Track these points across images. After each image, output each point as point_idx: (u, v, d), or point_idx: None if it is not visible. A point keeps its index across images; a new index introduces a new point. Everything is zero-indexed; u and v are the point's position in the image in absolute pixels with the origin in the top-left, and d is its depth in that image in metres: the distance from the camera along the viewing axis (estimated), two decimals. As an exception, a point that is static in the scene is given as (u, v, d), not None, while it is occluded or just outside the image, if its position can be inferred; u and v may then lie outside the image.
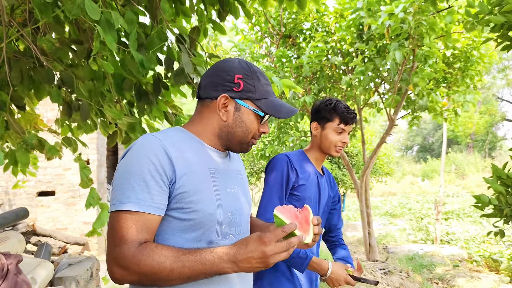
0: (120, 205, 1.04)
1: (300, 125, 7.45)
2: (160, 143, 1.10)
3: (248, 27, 6.29)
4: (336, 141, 1.95)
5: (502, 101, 36.41)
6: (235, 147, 1.25)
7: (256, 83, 1.20)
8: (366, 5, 4.83)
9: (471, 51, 5.57)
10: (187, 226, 1.10)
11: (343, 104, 1.97)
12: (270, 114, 1.20)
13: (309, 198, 1.94)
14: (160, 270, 1.00)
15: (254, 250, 0.98)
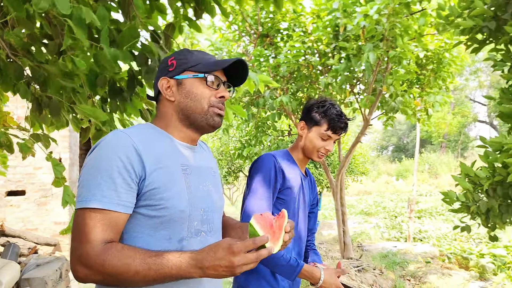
0: (85, 203, 1.02)
1: (277, 124, 7.47)
2: (129, 139, 1.08)
3: (226, 25, 6.27)
4: (319, 147, 1.87)
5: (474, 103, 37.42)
6: (199, 121, 1.21)
7: (188, 56, 1.22)
8: (341, 6, 4.88)
9: (443, 53, 5.70)
10: (157, 223, 1.09)
11: (337, 109, 1.86)
12: (208, 71, 1.19)
13: (293, 202, 1.87)
14: (125, 271, 0.98)
15: (222, 258, 0.96)
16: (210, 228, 1.23)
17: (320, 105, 1.87)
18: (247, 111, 5.93)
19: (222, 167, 13.09)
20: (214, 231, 1.25)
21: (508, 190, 2.45)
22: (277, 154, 1.89)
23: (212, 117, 1.21)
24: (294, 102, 6.03)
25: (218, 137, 11.81)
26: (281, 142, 6.68)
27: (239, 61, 1.24)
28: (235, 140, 10.97)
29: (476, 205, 2.55)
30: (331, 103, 1.89)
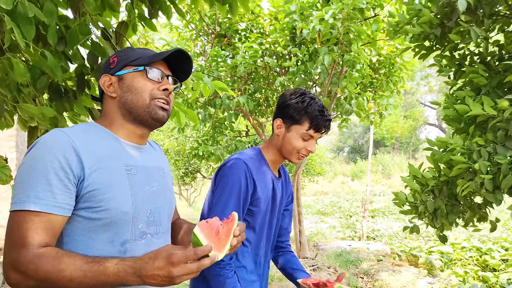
0: (19, 204, 0.98)
1: (235, 125, 7.48)
2: (68, 138, 1.04)
3: (183, 24, 6.20)
4: (300, 148, 1.66)
5: (425, 106, 39.07)
6: (142, 115, 1.17)
7: (129, 52, 1.21)
8: (298, 9, 4.95)
9: (395, 58, 5.91)
10: (98, 226, 1.05)
11: (318, 104, 1.65)
12: (147, 63, 1.17)
13: (263, 212, 1.70)
14: (58, 278, 0.94)
15: (161, 268, 0.92)
16: (157, 231, 1.20)
17: (299, 100, 1.65)
18: (204, 111, 5.90)
19: (180, 168, 12.91)
20: (161, 234, 1.22)
21: (453, 190, 2.57)
22: (248, 157, 1.67)
23: (155, 110, 1.17)
24: (251, 103, 6.05)
25: (174, 137, 11.65)
26: (239, 143, 6.69)
27: (181, 53, 1.22)
28: (192, 140, 10.87)
29: (424, 205, 2.66)
30: (311, 97, 1.66)
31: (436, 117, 38.99)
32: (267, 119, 6.91)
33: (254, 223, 1.69)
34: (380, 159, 31.93)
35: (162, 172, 1.31)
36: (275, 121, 1.72)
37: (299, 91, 1.71)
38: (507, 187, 2.27)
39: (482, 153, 2.29)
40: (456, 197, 2.61)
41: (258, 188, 1.64)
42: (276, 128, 1.71)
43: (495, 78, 2.61)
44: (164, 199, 1.25)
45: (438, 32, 2.69)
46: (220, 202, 1.57)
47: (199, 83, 2.28)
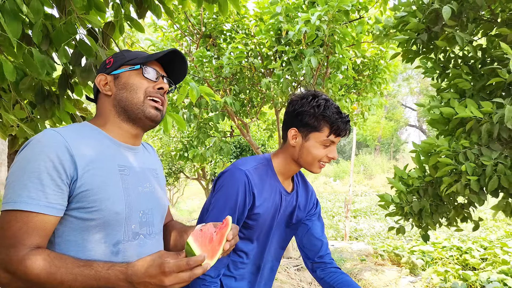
0: (11, 204, 0.97)
1: (220, 125, 7.46)
2: (61, 138, 1.03)
3: (168, 24, 6.16)
4: (321, 157, 1.52)
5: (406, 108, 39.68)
6: (136, 113, 1.17)
7: (125, 53, 1.23)
8: (284, 11, 4.97)
9: (379, 60, 5.99)
10: (91, 226, 1.04)
11: (335, 106, 1.52)
12: (142, 62, 1.19)
13: (262, 226, 1.59)
14: (48, 281, 0.94)
15: (153, 276, 0.93)
16: (150, 231, 1.19)
17: (314, 105, 1.50)
18: (189, 111, 5.87)
19: (163, 168, 12.82)
20: (154, 234, 1.21)
21: (438, 190, 2.62)
22: (252, 168, 1.53)
23: (149, 108, 1.17)
24: (237, 103, 6.05)
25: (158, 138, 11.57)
26: (224, 145, 6.68)
27: (176, 55, 1.24)
28: (176, 140, 10.81)
29: (409, 205, 2.71)
30: (325, 99, 1.52)
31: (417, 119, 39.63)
32: (251, 119, 6.92)
33: (251, 235, 1.61)
34: (362, 160, 32.30)
35: (155, 173, 1.31)
36: (289, 131, 1.55)
37: (309, 93, 1.56)
38: (492, 188, 2.32)
39: (468, 155, 2.34)
40: (441, 197, 2.66)
41: (257, 202, 1.52)
42: (292, 138, 1.54)
43: (479, 81, 2.67)
44: (156, 200, 1.24)
45: (425, 37, 2.74)
46: (214, 211, 1.50)
47: (186, 87, 2.26)
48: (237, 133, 7.93)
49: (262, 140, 10.15)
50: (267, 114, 8.19)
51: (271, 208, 1.58)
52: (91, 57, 2.02)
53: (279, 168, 1.61)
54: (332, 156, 1.53)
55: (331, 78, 5.45)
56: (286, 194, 1.63)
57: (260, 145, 10.13)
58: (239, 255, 1.62)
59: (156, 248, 1.21)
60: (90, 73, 2.05)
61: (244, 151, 10.64)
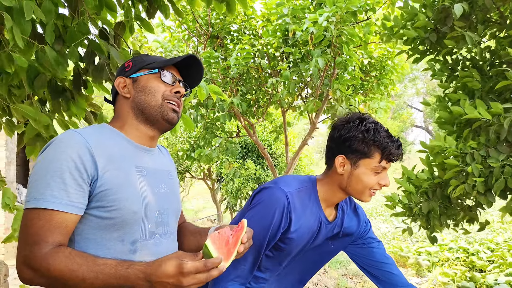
0: (34, 203, 0.99)
1: (226, 126, 7.49)
2: (82, 139, 1.06)
3: (176, 24, 6.19)
4: (373, 184, 1.41)
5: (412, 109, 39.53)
6: (154, 115, 1.20)
7: (143, 57, 1.26)
8: (291, 12, 4.98)
9: (386, 61, 5.98)
10: (109, 225, 1.07)
11: (384, 130, 1.42)
12: (161, 66, 1.22)
13: (294, 251, 1.52)
14: (71, 278, 0.96)
15: (171, 277, 0.95)
16: (165, 231, 1.22)
17: (362, 129, 1.40)
18: (196, 112, 5.90)
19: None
20: (169, 234, 1.23)
21: (446, 192, 2.62)
22: (295, 191, 1.44)
23: (167, 111, 1.20)
24: (243, 104, 6.06)
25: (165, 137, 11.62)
26: (230, 145, 6.70)
27: (193, 60, 1.28)
28: (183, 140, 10.84)
29: (418, 207, 2.70)
30: (373, 122, 1.42)
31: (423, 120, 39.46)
32: (258, 120, 6.94)
33: (280, 257, 1.54)
34: (368, 161, 32.16)
35: (170, 175, 1.33)
36: (337, 159, 1.44)
37: (356, 117, 1.46)
38: (499, 189, 2.32)
39: (475, 156, 2.34)
40: (449, 199, 2.66)
41: (292, 227, 1.43)
42: (339, 166, 1.44)
43: (488, 82, 2.66)
44: (171, 201, 1.27)
45: (434, 37, 2.74)
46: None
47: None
48: (244, 133, 7.95)
49: (268, 141, 10.17)
50: (273, 114, 8.21)
51: (307, 234, 1.49)
52: (104, 56, 2.05)
53: (323, 195, 1.51)
54: (384, 183, 1.43)
55: (338, 78, 5.45)
56: (327, 222, 1.53)
57: (266, 145, 10.15)
58: (262, 271, 1.57)
59: (171, 247, 1.24)
60: (102, 71, 2.08)
61: (250, 152, 10.66)
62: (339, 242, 1.66)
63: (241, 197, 10.63)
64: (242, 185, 10.03)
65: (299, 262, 1.63)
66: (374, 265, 1.69)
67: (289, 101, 6.42)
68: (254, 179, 10.31)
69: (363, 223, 1.69)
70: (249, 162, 10.09)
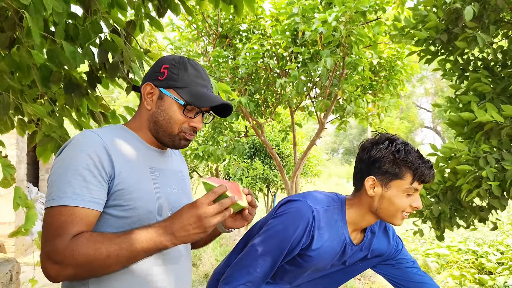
0: (56, 201, 1.00)
1: (234, 125, 7.50)
2: (99, 139, 1.08)
3: (185, 24, 6.21)
4: (405, 207, 1.37)
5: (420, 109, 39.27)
6: (165, 140, 1.21)
7: (181, 73, 1.18)
8: (301, 12, 4.97)
9: (395, 61, 5.95)
10: (126, 223, 1.09)
11: (415, 150, 1.39)
12: (188, 102, 1.16)
13: (311, 269, 1.50)
14: (95, 257, 0.97)
15: (189, 216, 0.99)
16: None
17: (393, 150, 1.38)
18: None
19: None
20: None
21: (457, 195, 2.60)
22: (322, 208, 1.42)
23: (179, 140, 1.21)
24: (252, 104, 6.05)
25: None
26: (237, 143, 6.70)
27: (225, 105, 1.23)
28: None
29: (429, 209, 2.68)
30: (403, 143, 1.41)
31: (432, 120, 39.19)
32: (266, 120, 6.93)
33: (296, 272, 1.51)
34: (376, 161, 31.99)
35: (182, 175, 1.35)
36: (366, 180, 1.41)
37: (384, 138, 1.44)
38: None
39: (489, 160, 2.32)
40: (460, 201, 2.64)
41: (314, 246, 1.41)
42: (370, 188, 1.41)
43: (499, 84, 2.63)
44: (183, 201, 1.27)
45: (445, 37, 2.72)
46: (266, 233, 1.41)
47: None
48: (252, 133, 7.95)
49: (276, 141, 10.15)
50: (282, 114, 8.20)
51: (329, 255, 1.46)
52: (117, 54, 2.06)
53: (352, 218, 1.48)
54: (417, 206, 1.38)
55: (347, 79, 5.43)
56: (352, 245, 1.49)
57: (274, 145, 10.13)
58: (276, 282, 1.55)
59: (184, 246, 1.25)
60: (117, 69, 2.09)
61: (258, 152, 10.65)
62: (367, 263, 1.63)
63: (248, 197, 10.61)
64: (250, 185, 10.03)
65: (323, 278, 1.60)
66: (411, 286, 1.63)
67: (298, 101, 6.41)
68: (262, 179, 10.31)
69: (393, 243, 1.64)
70: (256, 162, 10.09)
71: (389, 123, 30.95)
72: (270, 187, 11.15)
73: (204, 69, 1.26)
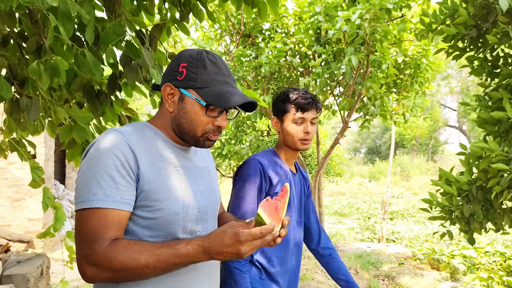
0: (88, 203, 1.01)
1: (257, 124, 7.50)
2: (124, 138, 1.07)
3: (209, 23, 6.25)
4: (297, 133, 1.74)
5: (445, 108, 38.48)
6: (189, 141, 1.19)
7: (200, 71, 1.13)
8: (324, 10, 4.94)
9: (421, 58, 5.84)
10: (152, 224, 1.09)
11: (298, 90, 1.77)
12: (210, 103, 1.11)
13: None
14: (134, 266, 0.98)
15: (229, 246, 0.99)
16: (205, 228, 1.22)
17: (281, 94, 1.80)
18: (227, 110, 5.93)
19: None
20: (208, 231, 1.22)
21: (487, 195, 2.53)
22: (262, 157, 1.76)
23: (204, 141, 1.19)
24: (274, 103, 6.03)
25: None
26: (261, 142, 6.70)
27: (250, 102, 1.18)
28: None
29: (459, 210, 2.62)
30: (292, 88, 1.79)
31: (457, 119, 38.35)
32: (289, 119, 6.91)
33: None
34: (399, 161, 31.54)
35: (207, 170, 1.33)
36: (272, 121, 1.82)
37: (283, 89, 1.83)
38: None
39: (523, 159, 2.25)
40: (491, 202, 2.57)
41: (274, 183, 1.72)
42: (275, 126, 1.81)
43: (532, 81, 2.56)
44: (210, 198, 1.27)
45: (474, 33, 2.65)
46: (241, 197, 1.68)
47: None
48: (274, 132, 7.93)
49: (298, 140, 10.11)
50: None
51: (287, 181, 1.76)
52: (137, 58, 2.07)
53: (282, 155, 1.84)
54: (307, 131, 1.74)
55: (371, 76, 5.37)
56: (293, 174, 1.85)
57: (296, 144, 10.09)
58: None
59: None
60: (136, 73, 2.10)
61: (280, 150, 10.64)
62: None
63: (271, 196, 10.62)
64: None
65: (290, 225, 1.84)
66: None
67: (321, 99, 6.37)
68: (284, 178, 10.28)
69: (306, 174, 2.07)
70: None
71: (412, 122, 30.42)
72: (292, 186, 11.11)
73: (224, 61, 1.21)
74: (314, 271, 6.11)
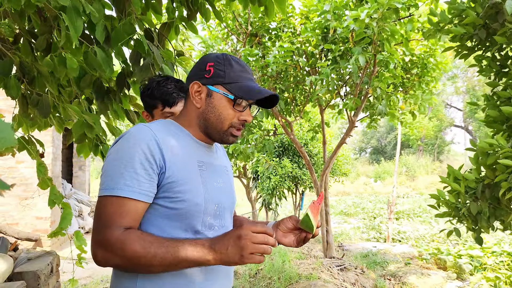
0: (108, 190, 1.08)
1: (263, 123, 7.52)
2: (152, 133, 1.13)
3: (216, 23, 6.27)
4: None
5: (451, 108, 38.30)
6: (215, 136, 1.26)
7: (227, 69, 1.22)
8: (332, 9, 4.94)
9: (428, 58, 5.83)
10: (174, 214, 1.14)
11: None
12: (239, 96, 1.19)
13: None
14: (143, 255, 1.03)
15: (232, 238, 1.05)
16: (222, 224, 1.27)
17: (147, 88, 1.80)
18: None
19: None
20: (225, 227, 1.29)
21: (495, 193, 2.53)
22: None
23: (228, 136, 1.25)
24: (281, 102, 6.06)
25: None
26: (267, 142, 6.72)
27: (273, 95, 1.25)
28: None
29: (467, 208, 2.62)
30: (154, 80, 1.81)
31: (463, 119, 38.15)
32: (295, 118, 6.93)
33: None
34: (405, 161, 31.45)
35: (226, 170, 1.40)
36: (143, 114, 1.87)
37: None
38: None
39: (532, 156, 2.25)
40: (499, 200, 2.57)
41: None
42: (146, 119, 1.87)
43: (541, 80, 2.55)
44: (227, 195, 1.32)
45: (483, 33, 2.65)
46: None
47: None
48: (280, 131, 7.96)
49: (305, 140, 10.12)
50: (310, 113, 8.15)
51: None
52: (148, 56, 2.10)
53: None
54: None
55: (378, 76, 5.36)
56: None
57: (303, 144, 10.11)
58: None
59: None
60: (147, 71, 2.12)
61: (287, 150, 10.64)
62: None
63: (277, 195, 10.65)
64: (279, 183, 10.04)
65: None
66: None
67: (328, 99, 6.38)
68: (291, 178, 10.30)
69: None
70: (285, 161, 10.09)
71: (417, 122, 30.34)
72: (298, 185, 11.13)
73: (246, 63, 1.31)
74: (320, 270, 6.12)
